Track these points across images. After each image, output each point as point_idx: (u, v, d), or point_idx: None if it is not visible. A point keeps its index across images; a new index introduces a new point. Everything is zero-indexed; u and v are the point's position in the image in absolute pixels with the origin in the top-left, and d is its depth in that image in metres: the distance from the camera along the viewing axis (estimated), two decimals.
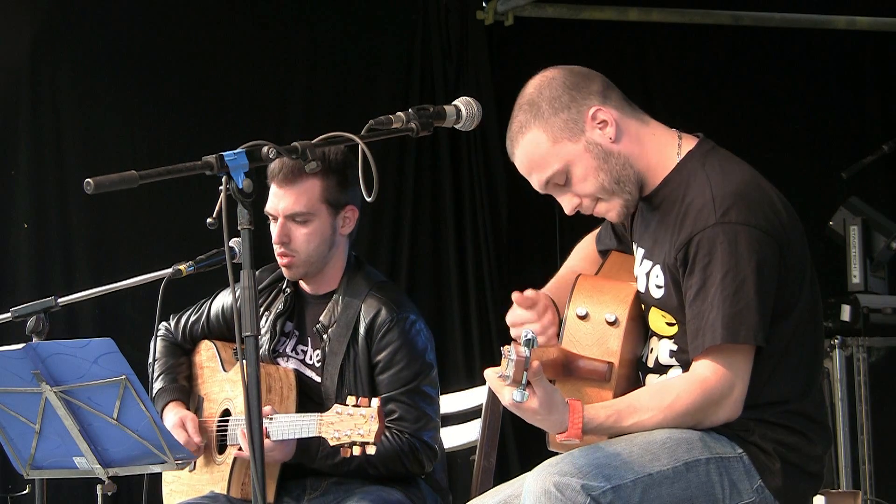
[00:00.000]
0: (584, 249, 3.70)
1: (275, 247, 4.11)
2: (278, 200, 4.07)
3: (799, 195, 7.24)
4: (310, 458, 3.96)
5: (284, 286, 4.22)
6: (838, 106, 7.87)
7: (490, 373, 3.08)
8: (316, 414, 3.72)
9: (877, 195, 7.36)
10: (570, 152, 3.28)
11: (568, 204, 3.35)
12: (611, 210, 3.34)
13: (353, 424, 3.54)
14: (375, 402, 3.53)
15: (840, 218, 6.82)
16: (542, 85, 3.32)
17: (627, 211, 3.34)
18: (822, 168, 7.56)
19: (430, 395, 4.07)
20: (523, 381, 3.02)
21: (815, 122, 7.80)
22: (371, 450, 3.53)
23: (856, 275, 6.73)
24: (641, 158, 3.31)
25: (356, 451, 3.54)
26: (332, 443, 3.57)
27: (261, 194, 3.11)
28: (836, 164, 7.18)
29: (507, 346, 3.02)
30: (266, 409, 3.89)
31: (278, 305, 4.21)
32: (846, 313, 6.56)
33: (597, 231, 3.71)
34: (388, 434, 3.99)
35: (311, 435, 3.76)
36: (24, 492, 5.90)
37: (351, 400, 3.58)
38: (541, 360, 3.11)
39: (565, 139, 3.28)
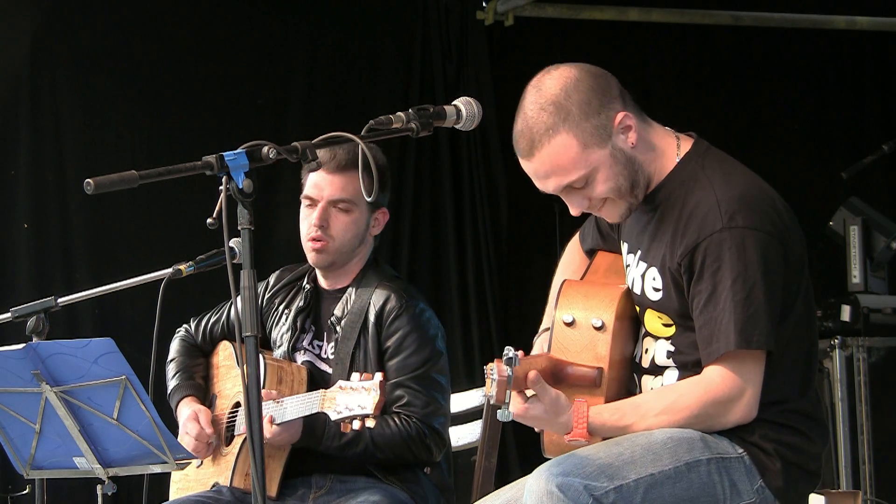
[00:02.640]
0: (571, 255, 3.70)
1: (309, 230, 4.12)
2: (324, 186, 4.09)
3: (799, 195, 7.24)
4: (315, 440, 3.97)
5: (304, 283, 4.24)
6: (838, 106, 7.87)
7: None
8: (320, 391, 3.75)
9: (877, 195, 7.36)
10: (598, 158, 3.24)
11: (578, 206, 3.31)
12: (615, 211, 3.33)
13: (354, 398, 3.55)
14: (378, 375, 3.55)
15: (840, 218, 6.81)
16: (567, 86, 3.24)
17: (630, 213, 3.34)
18: (822, 168, 7.56)
19: (440, 383, 4.08)
20: (507, 401, 3.03)
21: (815, 122, 7.80)
22: (370, 422, 3.54)
23: (856, 275, 6.73)
24: (650, 163, 3.31)
25: (356, 424, 3.55)
26: (333, 417, 3.59)
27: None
28: (836, 164, 7.17)
29: (489, 365, 3.03)
30: (273, 392, 3.92)
31: (298, 302, 4.23)
32: (846, 313, 6.55)
33: (579, 232, 3.70)
34: (395, 419, 4.00)
35: (314, 412, 3.77)
36: (24, 492, 5.90)
37: (355, 376, 3.60)
38: (529, 370, 3.12)
39: (594, 145, 3.23)
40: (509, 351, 3.02)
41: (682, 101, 7.48)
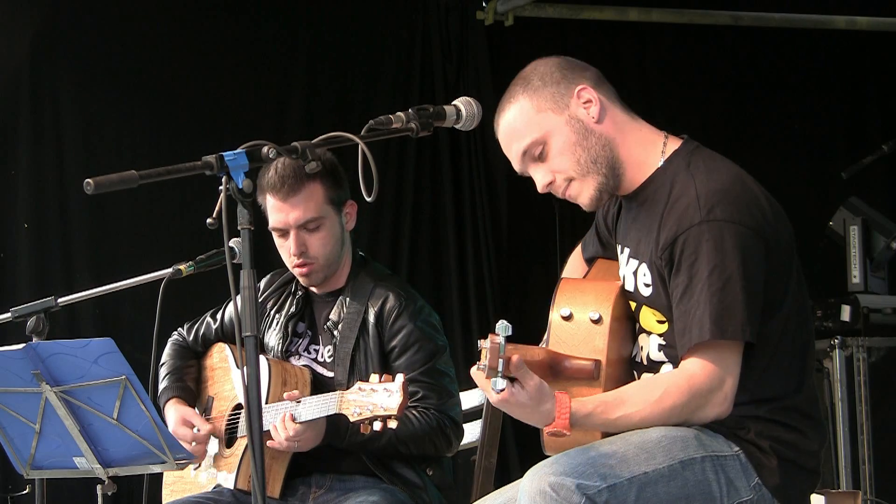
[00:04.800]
0: (573, 264, 3.72)
1: (290, 259, 4.12)
2: (286, 214, 4.08)
3: (799, 195, 7.28)
4: (339, 437, 3.96)
5: (295, 288, 4.24)
6: (838, 106, 7.87)
7: (474, 370, 3.08)
8: (337, 392, 3.74)
9: (877, 195, 7.36)
10: (552, 123, 3.32)
11: (541, 179, 3.35)
12: (583, 192, 3.34)
13: (375, 399, 3.55)
14: (400, 377, 3.55)
15: (840, 218, 6.81)
16: (538, 63, 3.40)
17: (600, 196, 3.34)
18: (822, 168, 7.56)
19: (448, 374, 4.11)
20: (499, 368, 3.01)
21: (815, 122, 7.80)
22: (393, 423, 3.54)
23: (856, 275, 6.73)
24: (623, 146, 3.33)
25: (377, 425, 3.54)
26: (352, 419, 3.59)
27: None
28: (836, 164, 7.18)
29: (482, 339, 3.03)
30: (294, 392, 3.91)
31: (290, 308, 4.22)
32: (846, 313, 6.55)
33: (581, 241, 3.72)
34: (415, 413, 4.00)
35: (331, 413, 3.76)
36: (24, 492, 5.90)
37: (374, 378, 3.59)
38: (526, 361, 3.12)
39: (549, 110, 3.32)
40: (502, 322, 3.02)
41: (682, 101, 7.47)
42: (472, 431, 4.45)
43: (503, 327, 3.01)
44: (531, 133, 3.33)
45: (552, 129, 3.32)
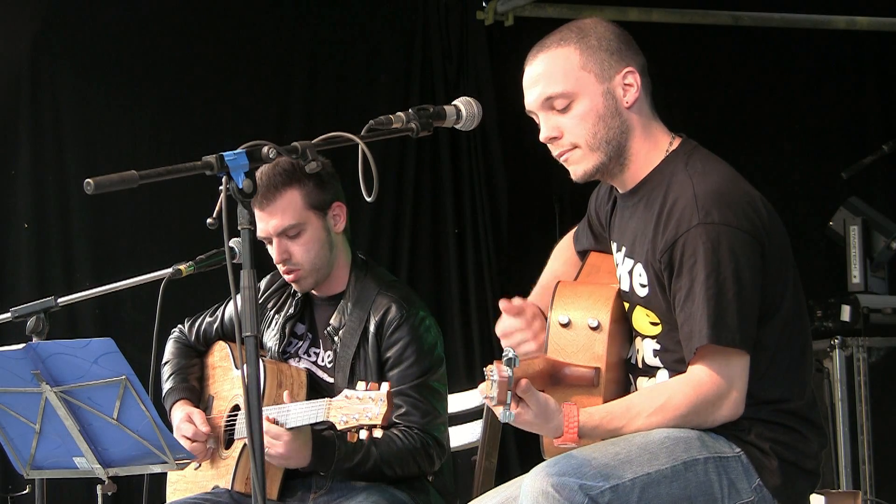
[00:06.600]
0: (563, 252, 3.70)
1: (278, 266, 4.12)
2: (265, 223, 4.08)
3: (799, 195, 7.28)
4: (326, 465, 3.96)
5: (294, 289, 4.23)
6: (838, 106, 7.87)
7: (482, 396, 3.08)
8: (325, 399, 3.73)
9: (877, 195, 7.36)
10: (589, 86, 3.30)
11: (548, 130, 3.33)
12: (579, 165, 3.33)
13: (361, 408, 3.55)
14: (385, 386, 3.54)
15: (840, 218, 6.81)
16: (598, 23, 3.38)
17: (594, 173, 3.33)
18: (822, 168, 7.56)
19: (439, 391, 4.09)
20: (508, 401, 3.02)
21: (815, 122, 7.80)
22: (378, 432, 3.54)
23: (856, 275, 6.73)
24: (637, 139, 3.33)
25: (363, 434, 3.55)
26: (339, 427, 3.59)
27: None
28: (836, 164, 7.18)
29: (489, 366, 3.02)
30: (283, 394, 3.91)
31: (288, 308, 4.22)
32: (846, 313, 6.55)
33: (573, 232, 3.71)
34: (399, 433, 4.00)
35: (320, 420, 3.75)
36: (24, 492, 5.90)
37: (361, 385, 3.59)
38: (526, 372, 3.12)
39: (592, 73, 3.31)
40: (509, 352, 3.02)
41: (681, 101, 7.46)
42: (472, 432, 4.45)
43: (510, 360, 3.01)
44: (566, 84, 3.30)
45: (587, 91, 3.30)
